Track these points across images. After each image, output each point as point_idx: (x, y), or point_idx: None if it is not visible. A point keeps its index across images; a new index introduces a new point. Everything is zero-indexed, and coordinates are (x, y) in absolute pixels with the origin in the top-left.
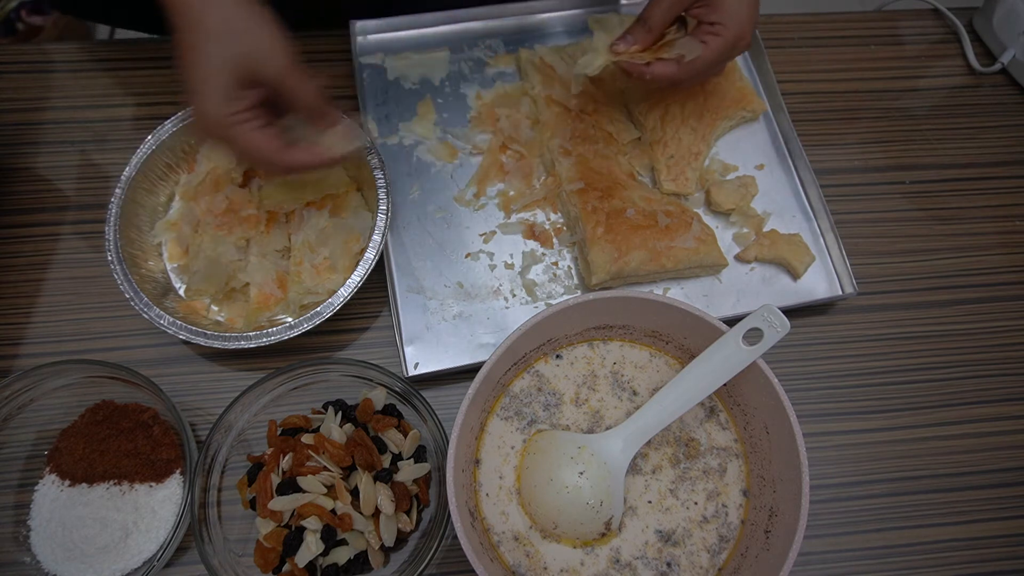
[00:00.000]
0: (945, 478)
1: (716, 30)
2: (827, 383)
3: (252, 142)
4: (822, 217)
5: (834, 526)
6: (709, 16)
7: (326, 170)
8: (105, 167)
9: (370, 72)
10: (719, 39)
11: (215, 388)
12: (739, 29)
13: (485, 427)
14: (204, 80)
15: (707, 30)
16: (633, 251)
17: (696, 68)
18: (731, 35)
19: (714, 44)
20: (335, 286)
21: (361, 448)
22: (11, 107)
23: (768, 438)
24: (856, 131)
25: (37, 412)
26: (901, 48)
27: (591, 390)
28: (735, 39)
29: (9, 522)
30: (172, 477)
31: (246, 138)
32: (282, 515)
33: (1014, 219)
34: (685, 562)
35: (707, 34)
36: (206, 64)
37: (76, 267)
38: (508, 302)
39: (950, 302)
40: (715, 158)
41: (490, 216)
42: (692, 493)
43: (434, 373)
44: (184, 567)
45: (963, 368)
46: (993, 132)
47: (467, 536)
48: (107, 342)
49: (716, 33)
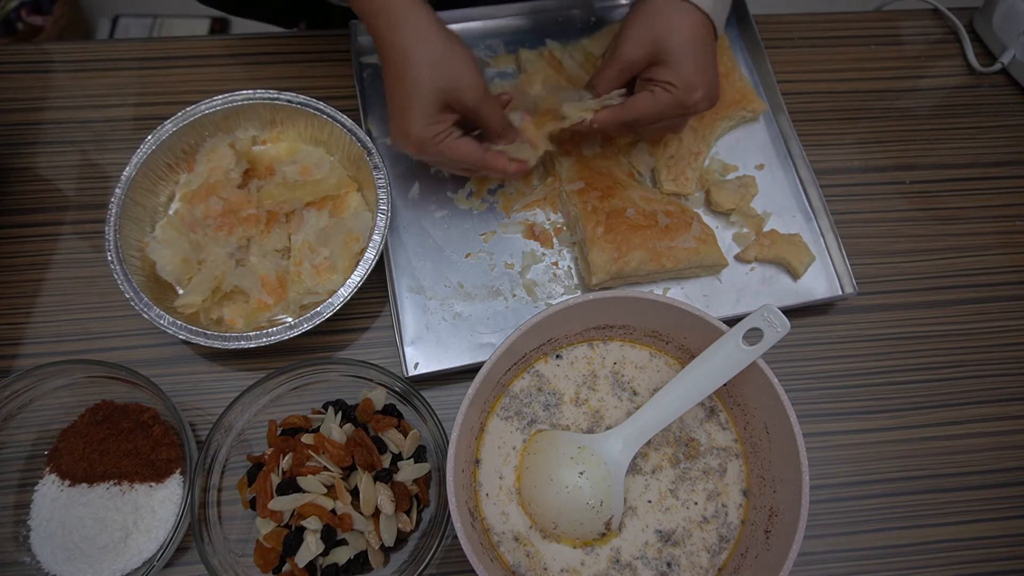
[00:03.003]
0: (945, 478)
1: (665, 87)
2: (827, 383)
3: (458, 151)
4: (822, 217)
5: (834, 526)
6: (660, 76)
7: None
8: (105, 167)
9: (370, 72)
10: (667, 95)
11: (215, 388)
12: (690, 88)
13: (485, 427)
14: (413, 103)
15: (656, 85)
16: (633, 251)
17: (641, 113)
18: (680, 94)
19: (661, 97)
20: (335, 286)
21: (361, 448)
22: (11, 107)
23: (768, 438)
24: (856, 131)
25: (37, 412)
26: (901, 48)
27: (591, 390)
28: (685, 98)
29: (9, 522)
30: (172, 477)
31: (452, 148)
32: (282, 515)
33: (1014, 219)
34: (685, 562)
35: (655, 87)
36: (414, 92)
37: (76, 267)
38: (508, 302)
39: (950, 302)
40: (715, 158)
41: (490, 216)
42: (692, 493)
43: (434, 373)
44: (184, 567)
45: (963, 368)
46: (993, 132)
47: (467, 536)
48: (107, 342)
49: (665, 89)
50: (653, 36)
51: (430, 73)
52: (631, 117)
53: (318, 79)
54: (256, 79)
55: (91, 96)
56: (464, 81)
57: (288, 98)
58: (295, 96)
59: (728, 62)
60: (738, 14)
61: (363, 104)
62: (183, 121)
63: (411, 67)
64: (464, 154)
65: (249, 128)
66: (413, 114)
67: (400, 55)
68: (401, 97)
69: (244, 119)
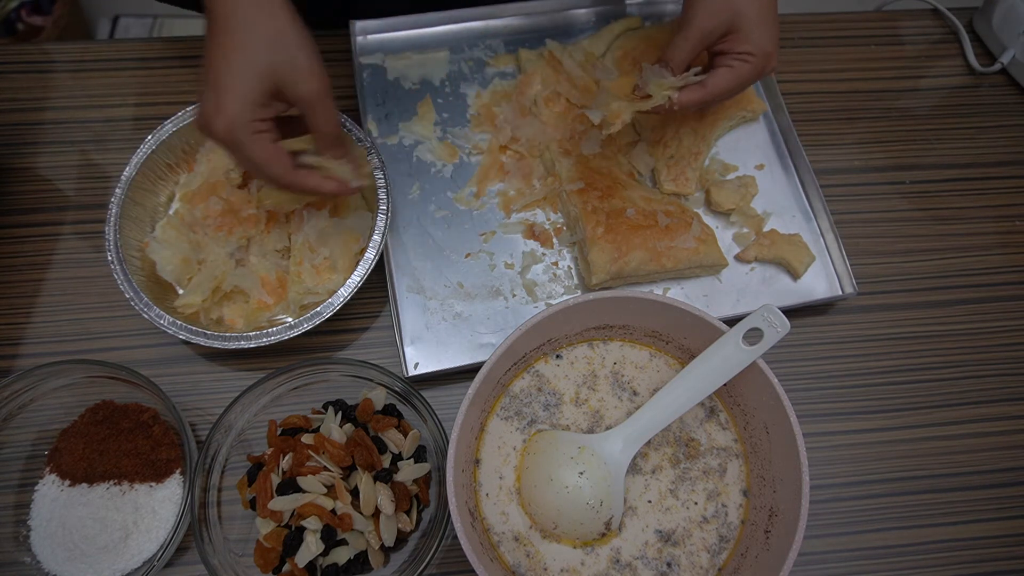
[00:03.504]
0: (945, 478)
1: (744, 58)
2: (827, 383)
3: (264, 153)
4: (822, 217)
5: (834, 526)
6: (736, 47)
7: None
8: (105, 167)
9: (370, 72)
10: (747, 65)
11: (215, 388)
12: (767, 56)
13: (485, 427)
14: (239, 79)
15: (735, 57)
16: (633, 251)
17: (724, 90)
18: (760, 62)
19: (742, 70)
20: (335, 286)
21: (361, 448)
22: (11, 107)
23: (768, 438)
24: (856, 131)
25: (37, 412)
26: (901, 48)
27: (591, 390)
28: (763, 65)
29: (9, 522)
30: (172, 477)
31: (260, 147)
32: (282, 515)
33: (1014, 219)
34: (685, 562)
35: (734, 60)
36: (245, 66)
37: (76, 267)
38: (508, 302)
39: (950, 302)
40: (715, 158)
41: (490, 216)
42: (692, 493)
43: (434, 373)
44: (184, 567)
45: (963, 368)
46: (993, 132)
47: (467, 536)
48: (107, 342)
49: (744, 60)
50: (729, 5)
51: (267, 47)
52: (715, 96)
53: None
54: None
55: (91, 96)
56: (304, 65)
57: None
58: None
59: None
60: None
61: (363, 104)
62: (183, 121)
63: (244, 35)
64: (272, 160)
65: None
66: (233, 90)
67: (234, 20)
68: (222, 69)
69: None
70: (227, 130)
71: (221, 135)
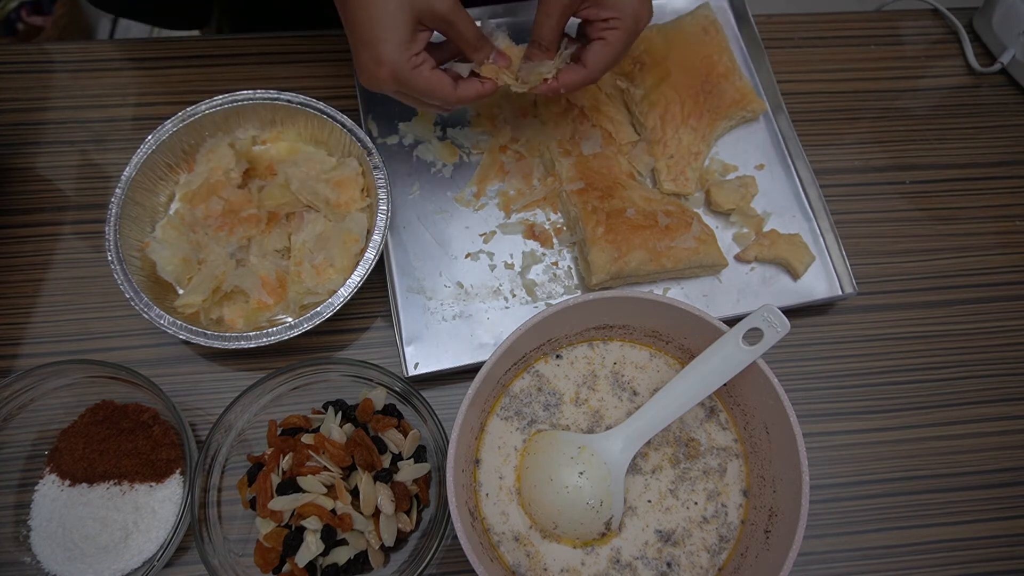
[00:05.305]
0: (945, 478)
1: (612, 24)
2: (827, 383)
3: (429, 83)
4: (822, 217)
5: (834, 526)
6: (600, 14)
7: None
8: (105, 167)
9: None
10: (618, 32)
11: (215, 388)
12: (635, 16)
13: (485, 427)
14: (384, 27)
15: (602, 27)
16: (633, 251)
17: (604, 64)
18: (629, 24)
19: (614, 38)
20: (335, 286)
21: (361, 448)
22: (11, 107)
23: (768, 438)
24: (856, 131)
25: (37, 412)
26: (901, 48)
27: (591, 390)
28: (634, 26)
29: (9, 522)
30: (172, 477)
31: (425, 78)
32: (282, 515)
33: (1014, 219)
34: (685, 562)
35: (604, 30)
36: (384, 12)
37: (76, 267)
38: (508, 302)
39: (950, 302)
40: (715, 158)
41: (490, 216)
42: (692, 493)
43: (434, 373)
44: (184, 567)
45: (963, 368)
46: (993, 132)
47: (467, 536)
48: (107, 342)
49: (613, 27)
50: None
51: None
52: (597, 73)
53: (318, 79)
54: (256, 79)
55: (91, 96)
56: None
57: (288, 98)
58: (295, 96)
59: (728, 62)
60: (738, 14)
61: (363, 104)
62: (183, 121)
63: None
64: (437, 87)
65: (249, 128)
66: (384, 39)
67: None
68: (368, 22)
69: (244, 119)
70: (392, 77)
71: (389, 84)
